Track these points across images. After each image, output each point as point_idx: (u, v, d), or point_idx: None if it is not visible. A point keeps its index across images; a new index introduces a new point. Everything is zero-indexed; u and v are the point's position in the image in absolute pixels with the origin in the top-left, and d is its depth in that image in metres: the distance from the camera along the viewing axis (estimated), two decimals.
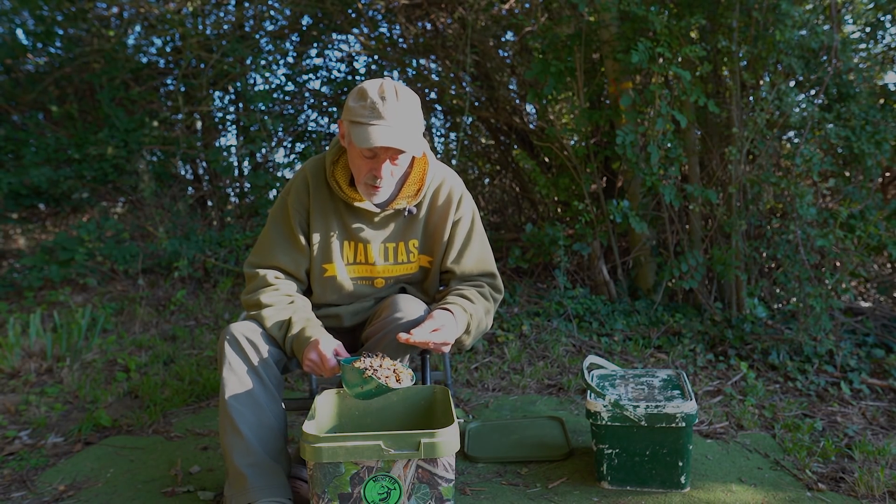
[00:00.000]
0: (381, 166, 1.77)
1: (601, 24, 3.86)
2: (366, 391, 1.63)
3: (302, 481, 1.92)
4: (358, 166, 1.81)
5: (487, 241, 2.05)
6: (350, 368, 1.63)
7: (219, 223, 5.47)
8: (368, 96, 1.73)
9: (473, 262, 1.99)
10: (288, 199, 1.95)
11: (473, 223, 2.00)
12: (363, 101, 1.74)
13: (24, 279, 4.54)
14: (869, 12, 4.02)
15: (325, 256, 1.94)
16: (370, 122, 1.71)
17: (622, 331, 3.67)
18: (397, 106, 1.72)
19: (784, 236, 3.45)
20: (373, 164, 1.78)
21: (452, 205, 1.95)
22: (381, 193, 1.84)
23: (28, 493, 2.09)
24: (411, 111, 1.76)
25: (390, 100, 1.72)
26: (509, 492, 2.03)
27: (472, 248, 1.98)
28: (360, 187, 1.85)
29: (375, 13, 5.28)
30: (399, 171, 1.83)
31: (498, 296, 2.01)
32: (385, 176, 1.79)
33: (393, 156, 1.76)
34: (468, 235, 1.98)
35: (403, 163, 1.82)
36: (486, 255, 2.02)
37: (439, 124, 5.82)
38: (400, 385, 1.62)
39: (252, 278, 1.94)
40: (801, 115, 3.49)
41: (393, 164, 1.78)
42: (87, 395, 2.90)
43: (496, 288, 2.01)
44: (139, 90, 5.47)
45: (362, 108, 1.73)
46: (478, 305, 1.90)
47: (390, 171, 1.79)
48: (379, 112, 1.71)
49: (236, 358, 1.78)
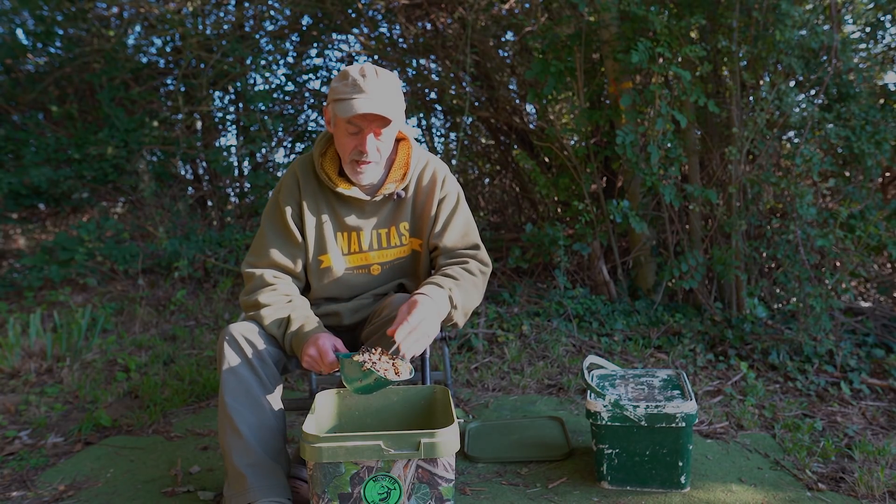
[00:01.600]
0: (365, 140, 1.81)
1: (601, 24, 3.86)
2: (365, 385, 1.63)
3: (302, 481, 1.92)
4: (343, 144, 1.85)
5: (472, 217, 2.09)
6: (349, 362, 1.63)
7: (219, 223, 5.47)
8: (350, 75, 1.80)
9: (458, 236, 2.02)
10: (279, 195, 1.97)
11: (458, 201, 2.04)
12: (345, 81, 1.80)
13: (24, 279, 4.54)
14: (869, 12, 4.02)
15: (320, 247, 1.97)
16: (352, 96, 1.77)
17: (622, 331, 3.67)
18: (378, 81, 1.79)
19: (784, 236, 3.45)
20: (357, 140, 1.82)
21: (437, 184, 2.00)
22: (369, 172, 1.87)
23: (28, 493, 2.09)
24: (392, 87, 1.82)
25: (370, 76, 1.79)
26: (509, 492, 2.03)
27: (455, 222, 2.02)
28: (347, 168, 1.88)
29: (375, 13, 5.28)
30: (384, 148, 1.86)
31: (485, 268, 2.02)
32: (370, 150, 1.83)
33: (377, 129, 1.81)
34: (452, 211, 2.02)
35: (387, 138, 1.86)
36: (469, 230, 2.05)
37: (439, 124, 5.82)
38: (399, 378, 1.62)
39: (250, 279, 1.95)
40: (801, 115, 3.49)
41: (377, 138, 1.83)
42: (87, 395, 2.91)
43: (482, 261, 2.02)
44: (139, 90, 5.47)
45: (344, 86, 1.79)
46: (462, 282, 1.90)
47: (375, 147, 1.83)
48: (360, 87, 1.77)
49: (235, 358, 1.78)
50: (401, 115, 1.87)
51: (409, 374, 1.65)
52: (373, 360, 1.63)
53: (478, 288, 1.97)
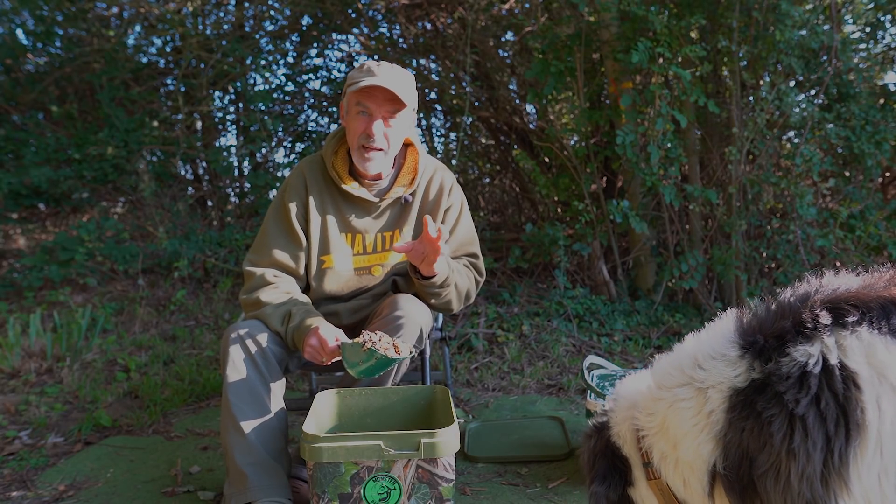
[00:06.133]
0: (372, 125, 1.85)
1: (601, 24, 3.86)
2: (367, 367, 1.64)
3: (302, 481, 1.92)
4: (353, 129, 1.89)
5: (474, 227, 2.13)
6: (350, 346, 1.64)
7: (219, 223, 5.46)
8: (366, 65, 1.89)
9: (457, 246, 2.06)
10: (285, 194, 1.99)
11: (462, 211, 2.08)
12: (360, 69, 1.89)
13: (24, 279, 4.54)
14: (869, 12, 4.02)
15: (323, 248, 1.98)
16: (364, 78, 1.84)
17: (622, 331, 3.67)
18: (392, 70, 1.88)
19: (784, 236, 3.45)
20: (366, 122, 1.87)
21: (445, 194, 2.03)
22: (377, 160, 1.90)
23: (28, 493, 2.09)
24: (405, 78, 1.90)
25: (385, 66, 1.88)
26: (509, 492, 2.03)
27: (457, 233, 2.06)
28: (355, 155, 1.92)
29: (375, 13, 5.28)
30: (393, 137, 1.90)
31: (479, 277, 2.07)
32: (377, 135, 1.86)
33: (385, 114, 1.86)
34: (456, 222, 2.06)
35: (397, 127, 1.90)
36: (469, 240, 2.09)
37: (439, 124, 5.82)
38: (400, 356, 1.63)
39: (250, 277, 1.95)
40: (801, 115, 3.49)
41: (386, 125, 1.88)
42: (87, 395, 2.90)
43: (477, 268, 2.08)
44: (139, 90, 5.46)
45: (359, 72, 1.88)
46: (457, 268, 1.96)
47: (383, 133, 1.87)
48: (373, 71, 1.86)
49: (240, 357, 1.78)
50: (412, 104, 1.92)
51: (409, 353, 1.68)
52: (373, 339, 1.63)
53: (469, 279, 2.02)
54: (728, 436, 1.13)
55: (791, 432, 1.06)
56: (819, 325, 1.10)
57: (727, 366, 1.15)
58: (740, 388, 1.13)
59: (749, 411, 1.11)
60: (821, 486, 1.04)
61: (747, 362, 1.14)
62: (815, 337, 1.10)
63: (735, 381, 1.14)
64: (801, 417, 1.05)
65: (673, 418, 1.20)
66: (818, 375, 1.07)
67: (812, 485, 1.04)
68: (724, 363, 1.16)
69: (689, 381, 1.19)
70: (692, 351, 1.23)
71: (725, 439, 1.13)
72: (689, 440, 1.17)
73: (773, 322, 1.16)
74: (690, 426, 1.17)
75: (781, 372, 1.09)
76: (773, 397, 1.09)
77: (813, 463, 1.04)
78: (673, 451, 1.21)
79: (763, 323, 1.18)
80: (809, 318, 1.11)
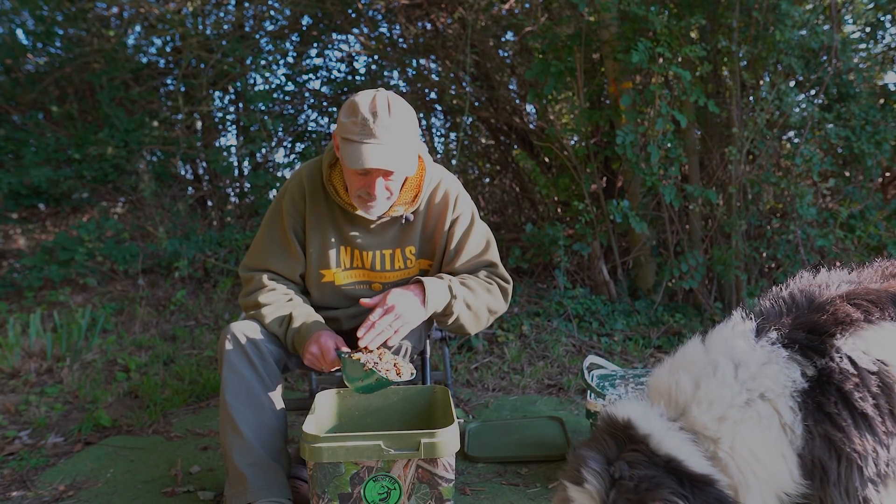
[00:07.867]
0: (373, 184, 1.74)
1: (601, 24, 3.86)
2: (366, 385, 1.63)
3: (302, 481, 1.92)
4: (351, 181, 1.79)
5: (490, 235, 2.00)
6: (351, 361, 1.63)
7: (219, 223, 5.46)
8: (360, 112, 1.69)
9: (471, 258, 1.95)
10: (283, 203, 1.92)
11: (472, 220, 1.97)
12: (354, 118, 1.70)
13: (24, 279, 4.54)
14: (869, 12, 4.02)
15: (323, 262, 1.93)
16: (362, 141, 1.67)
17: (622, 331, 3.67)
18: (389, 122, 1.68)
19: (784, 236, 3.45)
20: (366, 180, 1.75)
21: (449, 205, 1.93)
22: (377, 208, 1.82)
23: (28, 493, 2.09)
24: (404, 127, 1.71)
25: (382, 116, 1.68)
26: (509, 492, 2.03)
27: (469, 245, 1.95)
28: (354, 200, 1.83)
29: (375, 13, 5.28)
30: (395, 187, 1.80)
31: (504, 284, 1.95)
32: (379, 195, 1.76)
33: (386, 174, 1.74)
34: (466, 232, 1.95)
35: (398, 179, 1.79)
36: (485, 249, 1.98)
37: (439, 124, 5.82)
38: (400, 378, 1.62)
39: (248, 281, 1.94)
40: (801, 115, 3.49)
41: (387, 180, 1.76)
42: (87, 395, 2.90)
43: (500, 276, 1.96)
44: (139, 90, 5.46)
45: (353, 125, 1.69)
46: (467, 281, 1.87)
47: (384, 187, 1.76)
48: (370, 130, 1.67)
49: (237, 357, 1.78)
50: (414, 157, 1.78)
51: (410, 376, 1.66)
52: (374, 360, 1.63)
53: (491, 292, 1.91)
54: (806, 446, 1.09)
55: (860, 431, 1.06)
56: (852, 319, 1.10)
57: (782, 369, 1.11)
58: (805, 390, 1.10)
59: (822, 415, 1.08)
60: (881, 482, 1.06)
61: (798, 361, 1.12)
62: (853, 331, 1.10)
63: (797, 384, 1.11)
64: (867, 416, 1.06)
65: (746, 436, 1.12)
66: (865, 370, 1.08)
67: (874, 482, 1.05)
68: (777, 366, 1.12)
69: (749, 393, 1.13)
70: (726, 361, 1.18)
71: (804, 449, 1.09)
72: (770, 456, 1.10)
73: (805, 317, 1.15)
74: (771, 441, 1.10)
75: (835, 367, 1.09)
76: (839, 397, 1.07)
77: (880, 460, 1.05)
78: (753, 470, 1.12)
79: (796, 319, 1.16)
80: (843, 313, 1.11)
